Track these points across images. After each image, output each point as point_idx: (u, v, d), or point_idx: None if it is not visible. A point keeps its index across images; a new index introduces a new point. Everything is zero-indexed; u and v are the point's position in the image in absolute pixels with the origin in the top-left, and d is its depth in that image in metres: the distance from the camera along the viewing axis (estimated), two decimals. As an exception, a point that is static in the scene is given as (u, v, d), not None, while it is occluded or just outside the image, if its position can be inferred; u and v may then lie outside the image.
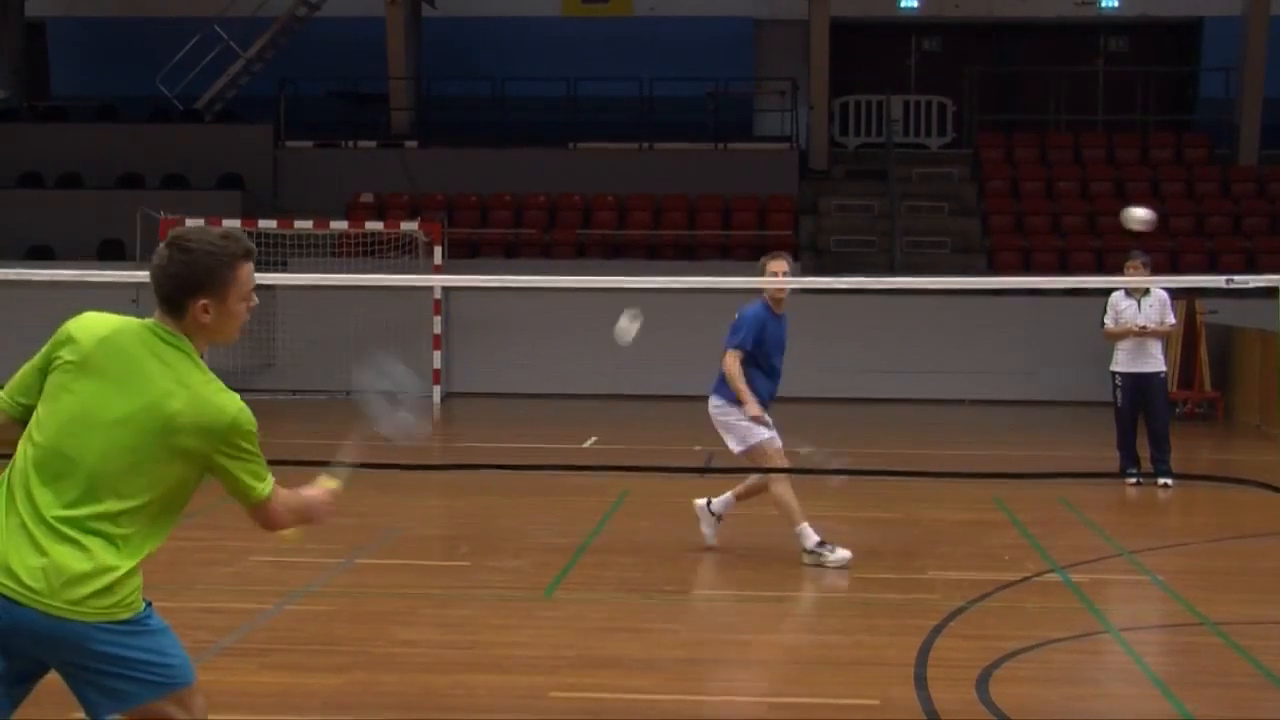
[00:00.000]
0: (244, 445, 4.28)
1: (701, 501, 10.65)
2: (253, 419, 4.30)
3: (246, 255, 4.29)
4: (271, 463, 4.55)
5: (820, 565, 9.84)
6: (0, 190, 25.21)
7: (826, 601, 8.98)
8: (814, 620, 8.51)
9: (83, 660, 4.12)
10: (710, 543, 10.46)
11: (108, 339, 4.21)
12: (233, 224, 21.43)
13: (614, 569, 9.92)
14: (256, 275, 4.41)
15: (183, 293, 4.23)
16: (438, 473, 13.98)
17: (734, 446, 10.34)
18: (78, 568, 4.07)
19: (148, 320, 4.28)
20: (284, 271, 20.97)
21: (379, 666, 7.49)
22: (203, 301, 4.24)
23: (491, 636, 8.22)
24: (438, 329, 21.42)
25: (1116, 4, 28.52)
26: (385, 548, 10.72)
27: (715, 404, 10.48)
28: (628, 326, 10.15)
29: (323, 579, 9.53)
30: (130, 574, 4.19)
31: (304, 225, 21.66)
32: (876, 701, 6.96)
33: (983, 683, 7.18)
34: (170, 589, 9.11)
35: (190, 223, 23.09)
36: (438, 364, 21.41)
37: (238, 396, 4.30)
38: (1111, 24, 29.15)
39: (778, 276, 10.08)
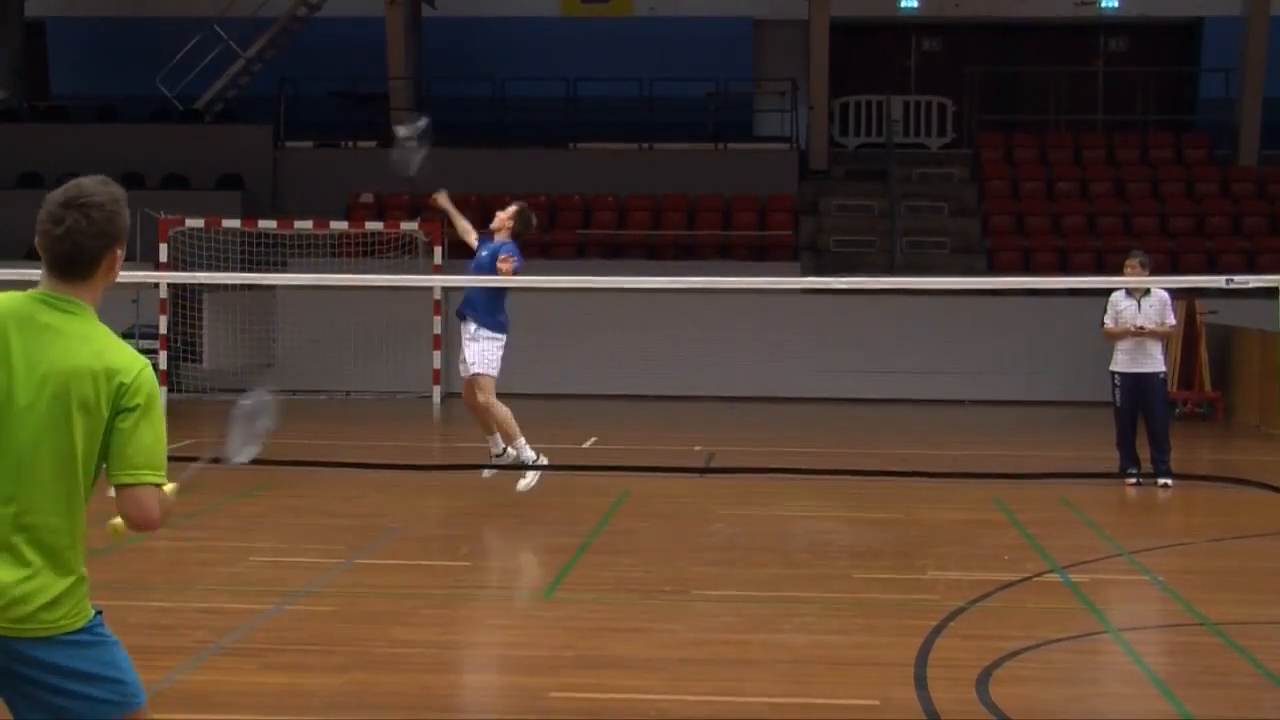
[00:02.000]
0: (149, 413, 3.92)
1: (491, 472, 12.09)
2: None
3: (125, 194, 4.07)
4: (272, 463, 4.53)
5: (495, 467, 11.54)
6: (0, 190, 25.21)
7: (826, 602, 8.98)
8: (814, 620, 8.50)
9: (32, 674, 3.82)
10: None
11: (1, 321, 3.91)
12: (232, 224, 21.53)
13: (614, 569, 9.92)
14: (257, 275, 4.35)
15: (102, 248, 3.95)
16: (438, 473, 13.99)
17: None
18: (18, 583, 3.78)
19: (31, 292, 3.98)
20: (284, 271, 20.99)
21: (379, 667, 7.49)
22: (117, 252, 3.99)
23: (491, 636, 8.22)
24: (437, 329, 21.42)
25: (1116, 4, 28.53)
26: (385, 548, 10.71)
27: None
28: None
29: (323, 579, 9.53)
30: (78, 581, 3.89)
31: (304, 225, 21.66)
32: (876, 702, 6.96)
33: (983, 683, 7.18)
34: (170, 589, 9.13)
35: (190, 224, 23.05)
36: (438, 364, 21.41)
37: (140, 355, 4.00)
38: (1111, 24, 29.16)
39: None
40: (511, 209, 12.63)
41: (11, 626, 3.79)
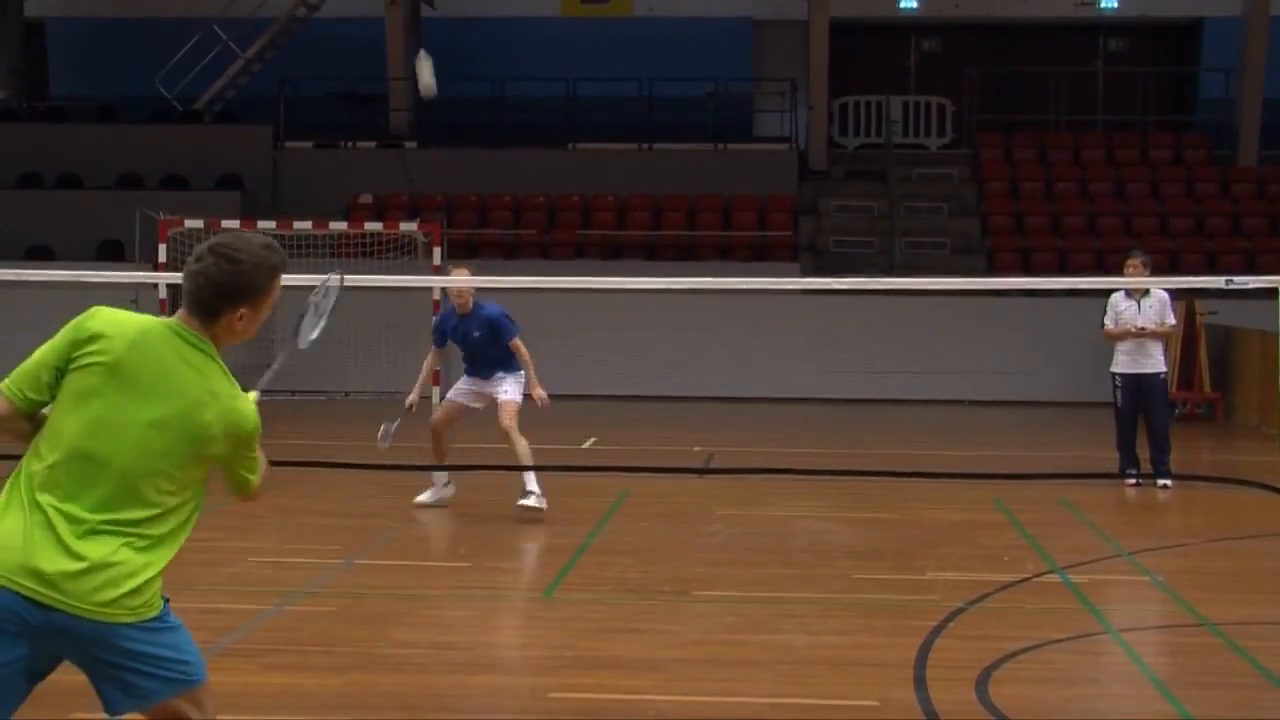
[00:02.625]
0: (254, 447, 4.41)
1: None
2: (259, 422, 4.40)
3: (283, 265, 4.39)
4: (273, 463, 4.58)
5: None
6: (0, 190, 25.20)
7: (826, 602, 8.98)
8: (813, 621, 8.50)
9: (110, 657, 4.14)
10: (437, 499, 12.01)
11: (138, 341, 4.20)
12: (232, 225, 21.49)
13: (614, 569, 9.92)
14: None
15: (225, 301, 4.26)
16: (436, 472, 13.97)
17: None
18: (109, 570, 4.09)
19: (170, 321, 4.28)
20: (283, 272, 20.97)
21: (379, 667, 7.49)
22: (242, 310, 4.29)
23: (491, 637, 8.22)
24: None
25: (1116, 4, 28.53)
26: (385, 548, 10.72)
27: None
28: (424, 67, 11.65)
29: (323, 579, 9.53)
30: (157, 575, 4.22)
31: (303, 226, 21.63)
32: (876, 702, 6.96)
33: (982, 683, 7.19)
34: (170, 589, 9.07)
35: (190, 224, 23.05)
36: (438, 365, 21.38)
37: (251, 400, 4.41)
38: (1111, 24, 29.15)
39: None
40: (468, 278, 12.07)
41: (99, 609, 4.07)
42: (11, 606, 4.03)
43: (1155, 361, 13.50)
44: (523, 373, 11.89)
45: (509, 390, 11.81)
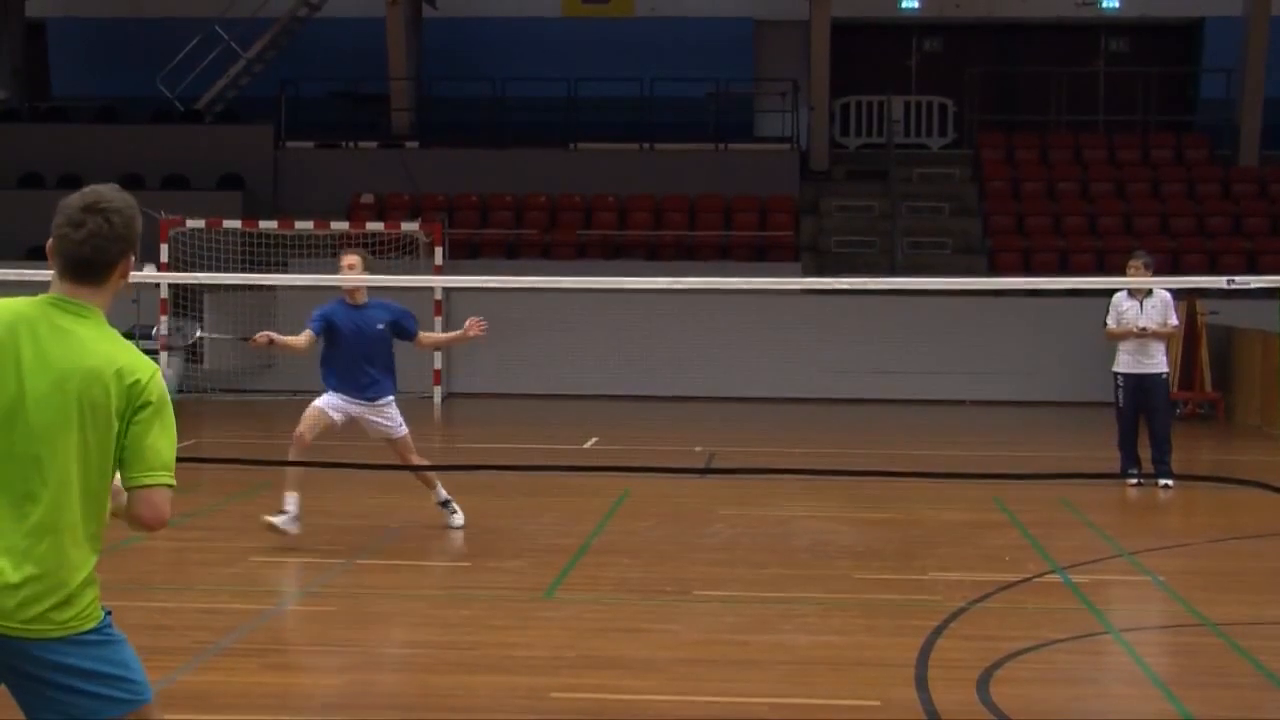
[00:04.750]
0: (165, 415, 4.00)
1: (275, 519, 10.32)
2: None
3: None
4: (273, 463, 4.55)
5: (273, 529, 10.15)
6: (0, 190, 25.20)
7: (827, 602, 8.97)
8: (814, 621, 8.50)
9: (44, 674, 3.85)
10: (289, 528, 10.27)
11: (13, 325, 3.95)
12: (233, 224, 21.53)
13: (614, 569, 9.91)
14: (257, 276, 4.37)
15: (121, 253, 4.01)
16: (438, 473, 13.96)
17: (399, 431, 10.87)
18: (29, 582, 3.81)
19: (43, 296, 4.02)
20: (284, 272, 20.99)
21: (379, 667, 7.49)
22: (130, 258, 4.05)
23: (492, 637, 8.22)
24: (438, 330, 21.42)
25: (1117, 4, 28.52)
26: (385, 548, 10.71)
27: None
28: None
29: (323, 579, 9.52)
30: (88, 581, 3.91)
31: (304, 226, 21.67)
32: (877, 702, 6.96)
33: (983, 683, 7.18)
34: (170, 589, 9.13)
35: (191, 224, 23.04)
36: (438, 364, 21.41)
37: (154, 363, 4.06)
38: (1112, 24, 29.15)
39: (350, 271, 10.53)
40: (357, 263, 10.61)
41: (23, 626, 3.81)
42: None
43: (1157, 362, 13.50)
44: (392, 398, 10.86)
45: (397, 422, 10.79)
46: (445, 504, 11.12)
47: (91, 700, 3.87)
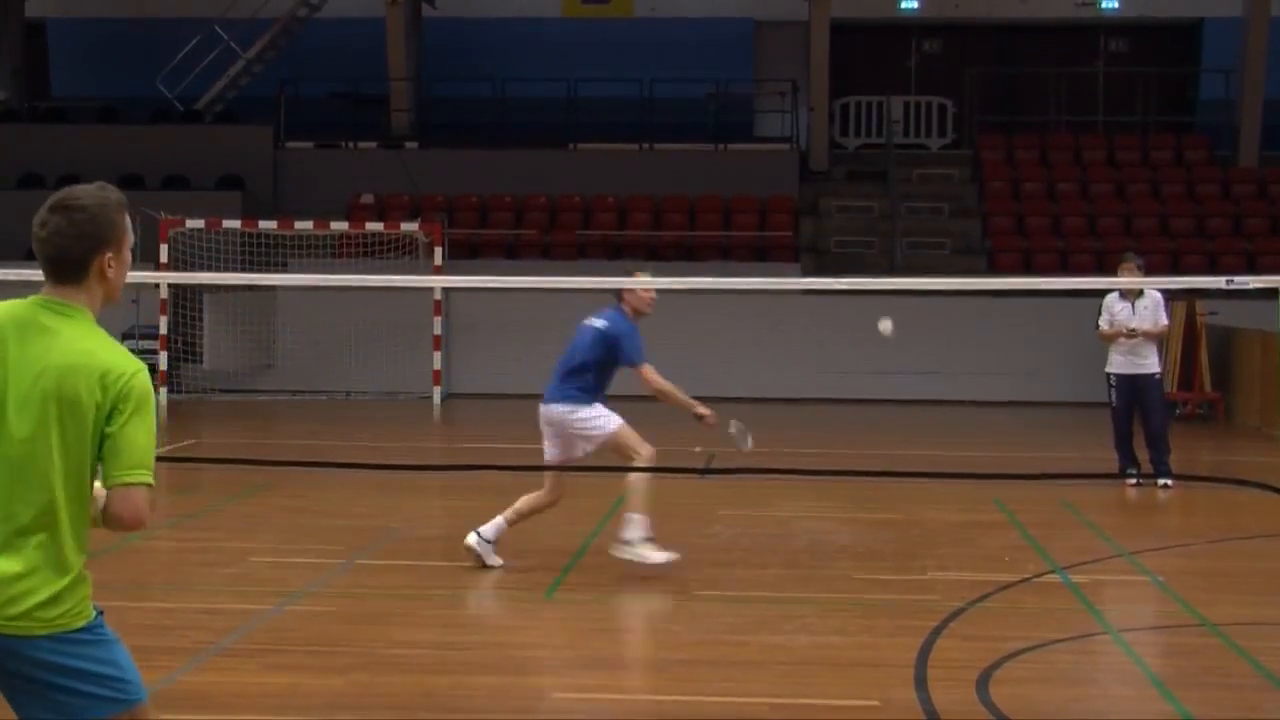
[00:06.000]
0: (146, 413, 3.97)
1: (472, 538, 9.85)
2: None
3: (124, 200, 4.14)
4: (273, 463, 4.55)
5: (635, 559, 9.55)
6: (0, 190, 25.20)
7: (826, 602, 8.98)
8: (814, 621, 8.50)
9: (32, 673, 3.85)
10: (493, 563, 9.78)
11: (1, 326, 3.99)
12: (233, 225, 21.53)
13: (614, 569, 9.90)
14: (257, 276, 4.37)
15: (89, 251, 4.02)
16: (438, 473, 13.98)
17: (588, 447, 10.30)
18: (15, 580, 3.81)
19: (33, 297, 4.07)
20: (284, 272, 20.99)
21: (379, 667, 7.49)
22: (108, 255, 4.03)
23: (492, 637, 8.22)
24: (438, 330, 21.43)
25: (1116, 5, 28.53)
26: (385, 548, 10.71)
27: (564, 409, 10.31)
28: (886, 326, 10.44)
29: (323, 579, 9.53)
30: (77, 580, 3.90)
31: (304, 226, 21.67)
32: (877, 702, 6.96)
33: (983, 684, 7.18)
34: (170, 589, 9.14)
35: (191, 224, 23.05)
36: (438, 364, 21.42)
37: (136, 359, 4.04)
38: (1111, 25, 29.16)
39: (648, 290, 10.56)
40: (648, 285, 10.61)
41: (9, 624, 3.81)
42: None
43: (1150, 362, 13.52)
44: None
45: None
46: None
47: (82, 699, 3.87)
